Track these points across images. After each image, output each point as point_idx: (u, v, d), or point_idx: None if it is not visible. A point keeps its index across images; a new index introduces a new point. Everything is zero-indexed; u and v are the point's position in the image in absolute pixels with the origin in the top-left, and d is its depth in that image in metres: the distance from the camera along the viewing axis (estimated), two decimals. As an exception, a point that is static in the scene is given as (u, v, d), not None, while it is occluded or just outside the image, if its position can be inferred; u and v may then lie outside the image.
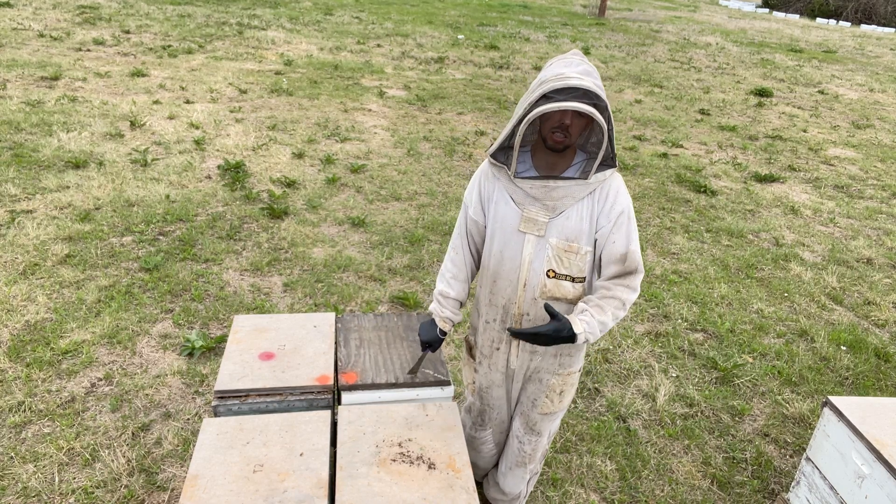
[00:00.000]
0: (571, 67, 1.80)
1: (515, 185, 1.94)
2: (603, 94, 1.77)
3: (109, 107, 7.50)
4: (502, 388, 2.28)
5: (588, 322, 1.90)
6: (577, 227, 1.92)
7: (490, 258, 2.06)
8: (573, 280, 1.98)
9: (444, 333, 2.21)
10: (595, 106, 1.75)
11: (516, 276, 2.00)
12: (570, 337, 1.89)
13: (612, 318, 1.93)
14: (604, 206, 1.92)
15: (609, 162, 1.89)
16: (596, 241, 1.96)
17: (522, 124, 1.80)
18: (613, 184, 1.93)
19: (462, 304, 2.22)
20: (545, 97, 1.76)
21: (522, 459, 2.39)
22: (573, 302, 2.01)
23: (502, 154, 1.94)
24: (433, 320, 2.22)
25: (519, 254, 1.98)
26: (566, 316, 1.92)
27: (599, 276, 2.01)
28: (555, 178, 1.90)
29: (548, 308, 1.91)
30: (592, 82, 1.76)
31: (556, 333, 1.88)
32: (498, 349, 2.18)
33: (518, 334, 1.93)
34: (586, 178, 1.88)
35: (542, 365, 2.16)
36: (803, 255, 5.52)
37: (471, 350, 2.32)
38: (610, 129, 1.80)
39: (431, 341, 2.20)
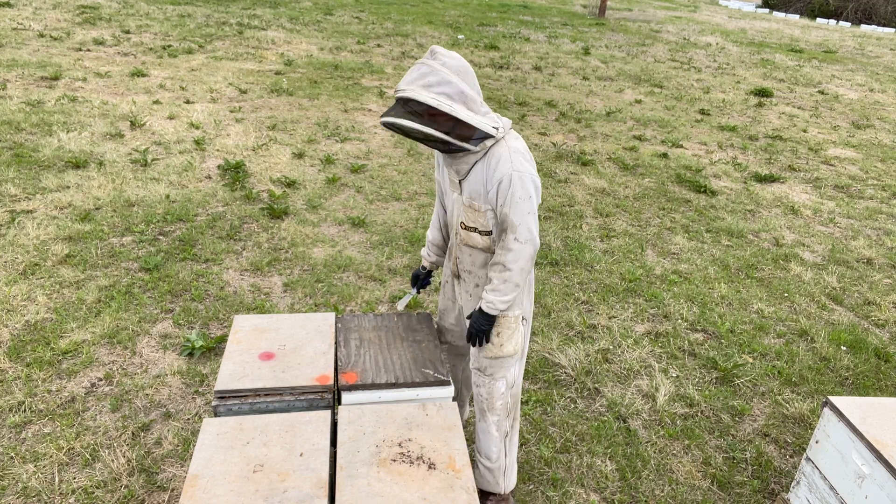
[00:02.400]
0: (407, 76, 2.04)
1: (441, 156, 2.33)
2: (427, 95, 1.99)
3: (109, 107, 7.50)
4: (452, 313, 2.65)
5: (487, 300, 2.27)
6: (476, 188, 2.22)
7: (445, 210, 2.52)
8: (480, 232, 2.30)
9: (425, 268, 2.71)
10: (429, 110, 2.00)
11: (452, 226, 2.41)
12: (485, 316, 2.29)
13: (500, 282, 2.23)
14: (489, 172, 2.17)
15: (488, 133, 2.11)
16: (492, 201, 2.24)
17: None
18: (496, 151, 2.15)
19: (439, 248, 2.65)
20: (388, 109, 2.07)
21: (481, 405, 2.55)
22: (485, 250, 2.34)
23: None
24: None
25: (452, 207, 2.37)
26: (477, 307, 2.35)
27: None
28: (454, 151, 2.17)
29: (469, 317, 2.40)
30: (418, 86, 2.00)
31: (477, 322, 2.31)
32: (447, 282, 2.62)
33: (469, 338, 2.39)
34: (467, 149, 2.12)
35: (475, 300, 2.48)
36: (803, 255, 5.52)
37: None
38: (454, 114, 2.01)
39: (415, 274, 2.73)
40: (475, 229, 2.30)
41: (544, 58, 13.48)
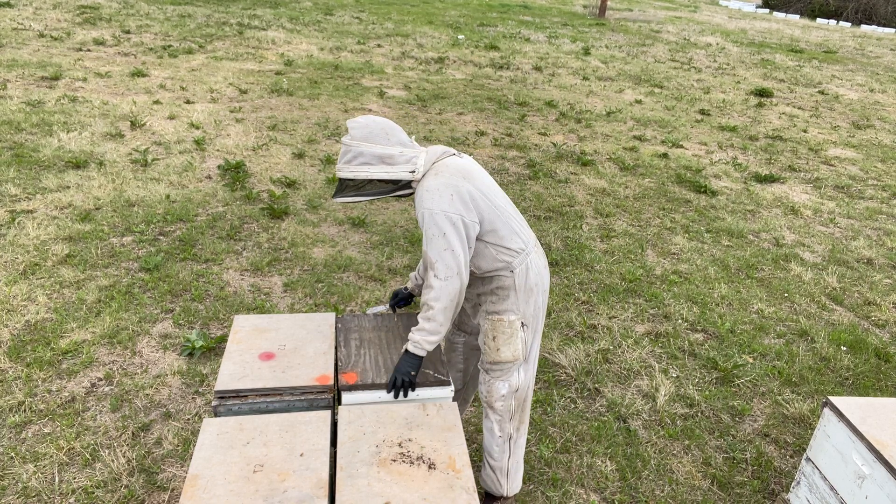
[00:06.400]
0: (341, 159, 2.25)
1: None
2: (347, 171, 2.22)
3: (110, 107, 7.50)
4: (462, 313, 2.66)
5: (413, 340, 2.24)
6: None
7: None
8: None
9: (406, 289, 2.69)
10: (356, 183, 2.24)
11: None
12: (411, 357, 2.23)
13: (424, 321, 2.24)
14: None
15: (408, 180, 2.27)
16: None
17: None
18: (417, 193, 2.27)
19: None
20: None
21: (483, 401, 2.59)
22: None
23: None
24: None
25: None
26: None
27: None
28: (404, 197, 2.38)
29: None
30: (342, 164, 2.24)
31: (402, 364, 2.23)
32: None
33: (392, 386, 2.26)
34: (409, 194, 2.32)
35: (475, 309, 2.53)
36: (803, 255, 5.52)
37: None
38: (374, 178, 2.22)
39: (396, 292, 2.71)
40: None
41: (544, 58, 13.48)
